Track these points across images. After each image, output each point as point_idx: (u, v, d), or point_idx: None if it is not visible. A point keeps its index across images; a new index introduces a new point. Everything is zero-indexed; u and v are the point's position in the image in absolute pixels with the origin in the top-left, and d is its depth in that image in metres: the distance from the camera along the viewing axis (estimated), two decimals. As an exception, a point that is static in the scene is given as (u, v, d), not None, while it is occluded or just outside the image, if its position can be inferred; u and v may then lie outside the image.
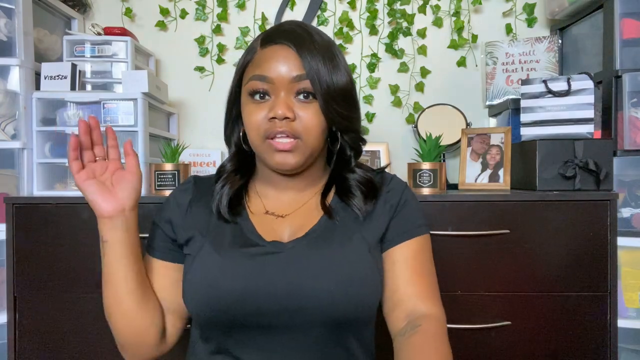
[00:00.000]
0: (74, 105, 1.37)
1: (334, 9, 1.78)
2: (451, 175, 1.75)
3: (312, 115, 0.74)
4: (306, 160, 0.77)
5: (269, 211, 0.81)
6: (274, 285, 0.72)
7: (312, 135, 0.75)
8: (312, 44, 0.75)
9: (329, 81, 0.74)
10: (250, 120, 0.75)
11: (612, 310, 1.18)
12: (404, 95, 1.79)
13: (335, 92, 0.75)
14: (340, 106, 0.76)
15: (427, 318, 0.74)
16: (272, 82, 0.74)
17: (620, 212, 1.34)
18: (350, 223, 0.79)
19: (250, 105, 0.76)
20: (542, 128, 1.33)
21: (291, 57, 0.74)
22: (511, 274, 1.19)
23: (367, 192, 0.81)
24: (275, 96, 0.74)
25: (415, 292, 0.77)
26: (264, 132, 0.74)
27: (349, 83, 0.78)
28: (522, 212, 1.19)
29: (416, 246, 0.80)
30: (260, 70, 0.75)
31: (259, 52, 0.77)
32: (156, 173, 1.31)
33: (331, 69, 0.75)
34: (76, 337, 1.22)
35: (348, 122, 0.79)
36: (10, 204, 1.22)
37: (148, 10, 1.79)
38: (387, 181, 0.86)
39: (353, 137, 0.82)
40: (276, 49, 0.75)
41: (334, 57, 0.77)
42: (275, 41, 0.75)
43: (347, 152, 0.84)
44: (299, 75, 0.73)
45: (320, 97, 0.74)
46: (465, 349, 1.19)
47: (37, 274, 1.22)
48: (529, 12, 1.75)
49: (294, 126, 0.73)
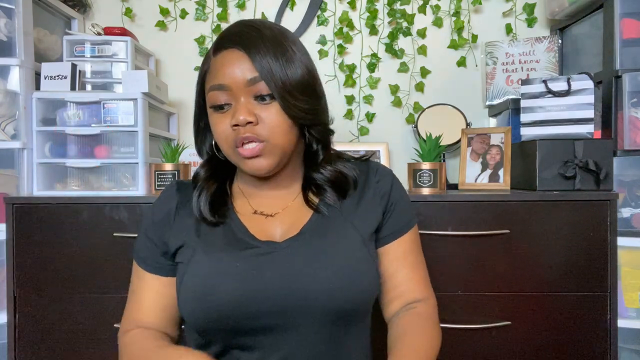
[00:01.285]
0: (74, 105, 1.37)
1: (334, 9, 1.78)
2: (451, 175, 1.75)
3: (274, 116, 0.73)
4: (280, 161, 0.76)
5: (257, 211, 0.81)
6: (273, 286, 0.71)
7: (277, 135, 0.73)
8: (262, 42, 0.73)
9: (284, 77, 0.72)
10: (217, 131, 0.75)
11: (612, 310, 1.18)
12: (404, 95, 1.79)
13: (292, 87, 0.73)
14: (299, 101, 0.74)
15: (421, 302, 0.82)
16: (229, 88, 0.73)
17: (620, 212, 1.34)
18: (341, 216, 0.79)
19: (214, 116, 0.75)
20: (542, 128, 1.33)
21: (242, 60, 0.72)
22: (511, 274, 1.19)
23: (336, 190, 0.80)
24: (236, 102, 0.73)
25: (413, 283, 0.83)
26: (232, 141, 0.73)
27: (305, 75, 0.75)
28: (522, 212, 1.19)
29: (411, 238, 0.84)
30: (216, 80, 0.74)
31: (212, 60, 0.76)
32: (156, 173, 1.31)
33: (284, 64, 0.73)
34: (76, 337, 1.22)
35: (312, 116, 0.77)
36: (10, 204, 1.22)
37: (148, 10, 1.79)
38: (374, 170, 0.85)
39: (320, 130, 0.80)
40: (227, 55, 0.74)
41: (285, 50, 0.74)
42: (225, 46, 0.75)
43: (314, 147, 0.82)
44: (253, 77, 0.72)
45: (277, 96, 0.72)
46: (465, 349, 1.19)
47: (37, 274, 1.22)
48: (529, 12, 1.75)
49: (258, 130, 0.72)
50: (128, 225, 1.21)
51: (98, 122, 1.36)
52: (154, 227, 0.81)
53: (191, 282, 0.74)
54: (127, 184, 1.37)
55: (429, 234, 1.17)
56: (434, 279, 0.87)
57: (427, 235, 1.17)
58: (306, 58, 0.78)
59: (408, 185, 1.34)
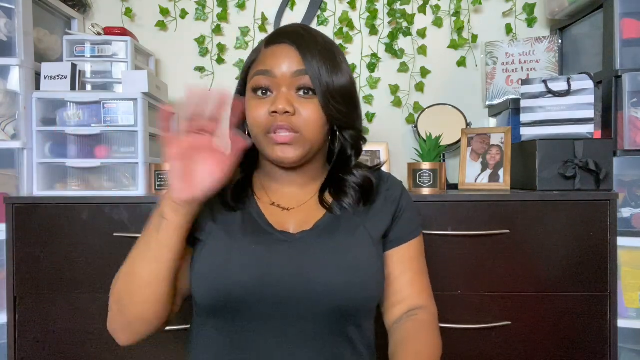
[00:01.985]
0: (74, 105, 1.37)
1: (334, 9, 1.78)
2: (451, 175, 1.75)
3: (312, 111, 0.76)
4: (306, 154, 0.79)
5: (274, 203, 0.83)
6: (283, 272, 0.73)
7: (311, 129, 0.76)
8: (314, 44, 0.78)
9: (328, 80, 0.77)
10: (253, 114, 0.78)
11: (612, 310, 1.18)
12: (404, 95, 1.79)
13: (335, 90, 0.77)
14: (339, 104, 0.78)
15: (422, 309, 0.83)
16: (274, 76, 0.76)
17: (620, 212, 1.34)
18: (353, 217, 0.81)
19: (253, 100, 0.78)
20: (542, 128, 1.33)
21: (292, 54, 0.77)
22: (511, 274, 1.19)
23: (362, 195, 0.83)
24: (277, 91, 0.77)
25: (416, 290, 0.84)
26: (265, 126, 0.76)
27: (349, 83, 0.80)
28: (522, 212, 1.19)
29: (416, 246, 0.86)
30: (263, 66, 0.78)
31: (262, 52, 0.81)
32: (156, 173, 1.31)
33: (331, 69, 0.77)
34: (76, 337, 1.22)
35: (347, 120, 0.81)
36: (10, 204, 1.22)
37: (148, 10, 1.79)
38: (385, 179, 0.89)
39: (353, 135, 0.84)
40: (279, 48, 0.78)
41: (334, 57, 0.79)
42: (278, 41, 0.79)
43: (348, 152, 0.85)
44: (299, 70, 0.76)
45: (319, 93, 0.76)
46: (465, 349, 1.19)
47: (37, 274, 1.22)
48: (529, 12, 1.75)
49: (294, 120, 0.75)
50: (128, 225, 1.21)
51: (98, 122, 1.36)
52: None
53: (207, 258, 0.75)
54: (127, 184, 1.37)
55: (429, 234, 1.17)
56: (434, 279, 0.88)
57: (427, 235, 1.17)
58: (349, 71, 0.83)
59: (408, 185, 1.34)
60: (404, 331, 0.80)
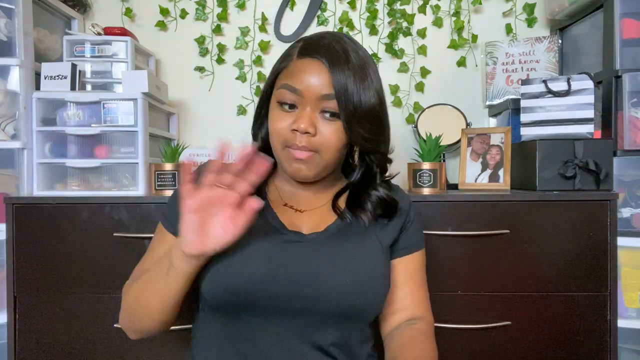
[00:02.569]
0: (74, 105, 1.37)
1: (334, 9, 1.78)
2: (451, 175, 1.75)
3: (333, 133, 0.76)
4: (320, 173, 0.80)
5: (287, 204, 0.84)
6: (294, 272, 0.74)
7: (329, 151, 0.77)
8: (346, 62, 0.75)
9: (357, 102, 0.75)
10: (275, 126, 0.78)
11: (612, 310, 1.18)
12: (404, 95, 1.79)
13: (361, 114, 0.76)
14: (364, 129, 0.77)
15: (421, 320, 0.86)
16: (301, 95, 0.75)
17: (620, 212, 1.34)
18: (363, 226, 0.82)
19: (276, 111, 0.78)
20: (542, 128, 1.33)
21: (323, 74, 0.75)
22: (511, 274, 1.19)
23: (382, 212, 0.84)
24: (302, 108, 0.76)
25: (415, 300, 0.87)
26: (284, 140, 0.77)
27: (377, 105, 0.78)
28: (522, 212, 1.19)
29: (419, 259, 0.89)
30: (292, 82, 0.76)
31: (294, 61, 0.78)
32: (156, 173, 1.31)
33: (361, 90, 0.75)
34: (76, 337, 1.22)
35: (371, 144, 0.80)
36: (10, 204, 1.22)
37: (148, 10, 1.79)
38: (395, 191, 0.90)
39: (379, 158, 0.84)
40: (310, 63, 0.76)
41: (366, 77, 0.77)
42: (311, 54, 0.77)
43: (374, 169, 0.86)
44: (328, 94, 0.74)
45: (344, 118, 0.75)
46: (465, 349, 1.19)
47: (37, 274, 1.22)
48: (529, 12, 1.75)
49: (313, 141, 0.76)
50: (128, 225, 1.21)
51: (98, 122, 1.36)
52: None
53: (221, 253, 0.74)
54: (127, 184, 1.37)
55: (429, 234, 1.17)
56: (434, 279, 0.88)
57: (427, 235, 1.16)
58: (381, 87, 0.81)
59: (408, 185, 1.34)
60: (403, 338, 0.82)
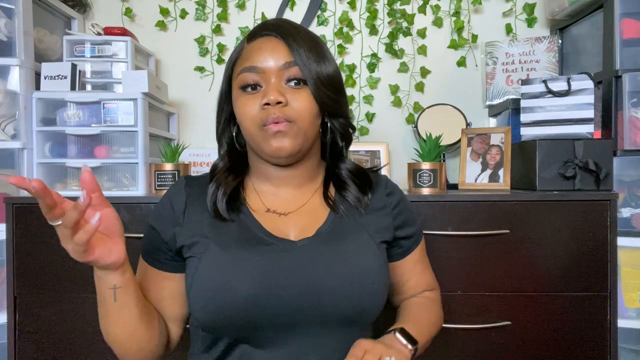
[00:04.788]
0: (74, 105, 1.37)
1: (334, 9, 1.78)
2: (451, 175, 1.75)
3: (304, 100, 0.75)
4: (301, 146, 0.76)
5: (270, 209, 0.80)
6: (290, 284, 0.72)
7: (305, 119, 0.75)
8: (299, 35, 0.76)
9: (317, 68, 0.76)
10: (245, 111, 0.75)
11: (612, 310, 1.18)
12: (404, 95, 1.79)
13: (324, 78, 0.76)
14: (329, 91, 0.77)
15: (430, 290, 0.94)
16: (262, 71, 0.75)
17: (620, 212, 1.34)
18: (355, 222, 0.81)
19: (242, 98, 0.76)
20: (542, 128, 1.33)
21: (278, 46, 0.75)
22: (511, 274, 1.19)
23: (359, 183, 0.83)
24: (266, 84, 0.75)
25: (424, 281, 0.94)
26: (259, 120, 0.74)
27: (335, 72, 0.80)
28: (522, 212, 1.19)
29: (419, 250, 0.92)
30: (249, 62, 0.76)
31: (246, 48, 0.79)
32: (156, 173, 1.31)
33: (318, 57, 0.76)
34: (76, 337, 1.22)
35: (338, 107, 0.80)
36: (10, 204, 1.22)
37: (148, 10, 1.79)
38: (384, 182, 0.88)
39: (343, 122, 0.83)
40: (263, 41, 0.77)
41: (319, 46, 0.78)
42: (261, 34, 0.77)
43: (339, 143, 0.84)
44: (288, 62, 0.74)
45: (310, 82, 0.75)
46: (465, 349, 1.19)
47: (37, 274, 1.22)
48: (529, 12, 1.75)
49: (287, 111, 0.74)
50: (128, 225, 1.21)
51: (98, 122, 1.36)
52: (161, 222, 0.80)
53: (206, 275, 0.73)
54: (127, 184, 1.37)
55: (429, 234, 1.17)
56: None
57: (427, 235, 1.17)
58: (334, 59, 0.82)
59: (408, 185, 1.34)
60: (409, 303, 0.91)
